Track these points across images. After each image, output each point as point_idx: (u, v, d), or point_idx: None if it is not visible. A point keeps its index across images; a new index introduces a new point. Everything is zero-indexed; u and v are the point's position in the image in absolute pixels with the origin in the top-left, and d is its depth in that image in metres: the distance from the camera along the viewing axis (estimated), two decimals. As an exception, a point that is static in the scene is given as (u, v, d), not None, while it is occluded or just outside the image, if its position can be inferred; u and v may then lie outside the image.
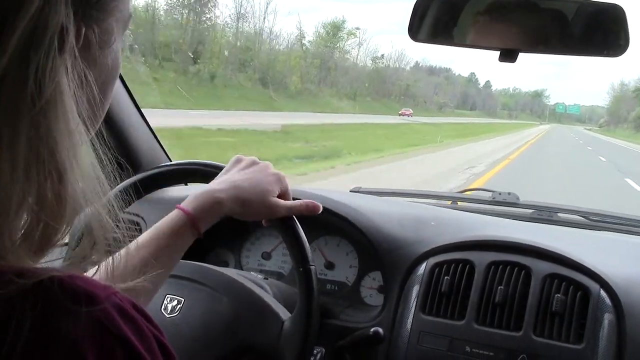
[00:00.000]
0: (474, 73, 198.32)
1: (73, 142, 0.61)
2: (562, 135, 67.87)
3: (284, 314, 1.36)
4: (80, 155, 0.62)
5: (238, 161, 1.31)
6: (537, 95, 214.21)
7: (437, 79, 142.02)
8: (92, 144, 0.69)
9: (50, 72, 0.58)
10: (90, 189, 0.64)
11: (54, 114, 0.59)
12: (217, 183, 1.25)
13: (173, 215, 1.19)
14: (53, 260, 0.63)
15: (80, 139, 0.62)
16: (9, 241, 0.58)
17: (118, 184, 1.42)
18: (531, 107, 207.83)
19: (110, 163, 0.70)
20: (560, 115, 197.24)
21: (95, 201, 0.65)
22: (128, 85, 2.08)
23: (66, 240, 0.65)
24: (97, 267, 0.73)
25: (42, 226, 0.60)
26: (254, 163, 1.30)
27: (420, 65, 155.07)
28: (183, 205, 1.20)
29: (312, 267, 1.31)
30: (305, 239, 1.31)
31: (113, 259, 0.78)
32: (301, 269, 1.30)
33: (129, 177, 1.47)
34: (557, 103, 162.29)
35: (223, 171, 1.31)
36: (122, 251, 0.93)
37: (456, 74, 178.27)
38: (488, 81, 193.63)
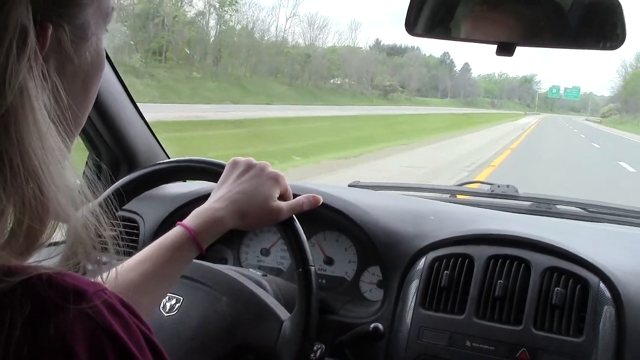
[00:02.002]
0: (447, 54, 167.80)
1: (46, 146, 0.60)
2: (563, 136, 39.78)
3: (284, 314, 1.36)
4: (56, 158, 0.61)
5: (234, 166, 1.30)
6: (526, 81, 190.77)
7: (398, 60, 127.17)
8: (71, 145, 0.68)
9: (12, 76, 0.57)
10: (70, 192, 0.63)
11: (23, 118, 0.58)
12: (216, 200, 1.25)
13: (175, 231, 1.19)
14: (41, 260, 0.63)
15: (53, 142, 0.62)
16: None
17: (114, 182, 1.43)
18: (519, 94, 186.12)
19: (95, 164, 0.70)
20: (553, 102, 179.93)
21: (78, 204, 0.64)
22: (124, 82, 2.07)
23: (54, 240, 0.64)
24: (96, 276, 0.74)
25: (26, 228, 0.60)
26: (250, 166, 1.29)
27: (382, 44, 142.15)
28: (185, 222, 1.20)
29: (312, 268, 1.31)
30: (305, 240, 1.32)
31: (110, 272, 0.78)
32: (301, 270, 1.31)
33: (126, 174, 1.46)
34: (551, 87, 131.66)
35: (221, 179, 1.30)
36: (121, 265, 0.93)
37: (426, 54, 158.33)
38: (466, 64, 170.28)
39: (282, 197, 1.30)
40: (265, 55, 66.02)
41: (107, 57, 1.94)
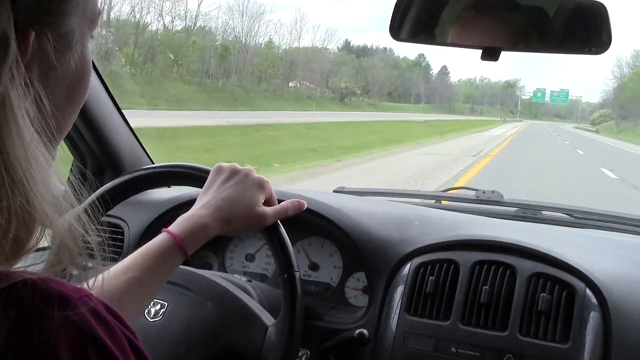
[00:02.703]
0: (423, 55, 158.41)
1: (30, 155, 0.59)
2: (556, 157, 26.38)
3: (268, 319, 1.36)
4: (41, 166, 0.61)
5: (219, 172, 1.30)
6: (510, 86, 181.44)
7: (366, 62, 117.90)
8: (55, 152, 0.68)
9: None
10: (55, 199, 0.62)
11: (6, 127, 0.58)
12: (201, 207, 1.25)
13: (160, 238, 1.18)
14: (27, 266, 0.62)
15: (37, 150, 0.61)
16: None
17: (97, 188, 1.42)
18: (502, 99, 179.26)
19: (79, 170, 0.69)
20: (537, 108, 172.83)
21: (63, 210, 0.64)
22: (109, 87, 2.06)
23: (42, 245, 0.63)
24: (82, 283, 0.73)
25: (12, 236, 0.59)
26: (235, 172, 1.29)
27: (352, 45, 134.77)
28: (170, 228, 1.20)
29: (297, 273, 1.31)
30: (290, 245, 1.31)
31: (96, 278, 0.78)
32: (286, 275, 1.31)
33: (111, 180, 1.45)
34: (535, 90, 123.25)
35: (206, 185, 1.30)
36: (106, 272, 0.92)
37: (399, 56, 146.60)
38: (444, 67, 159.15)
39: (267, 202, 1.30)
40: (166, 46, 54.69)
41: (93, 65, 1.94)
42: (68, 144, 2.07)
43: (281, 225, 1.31)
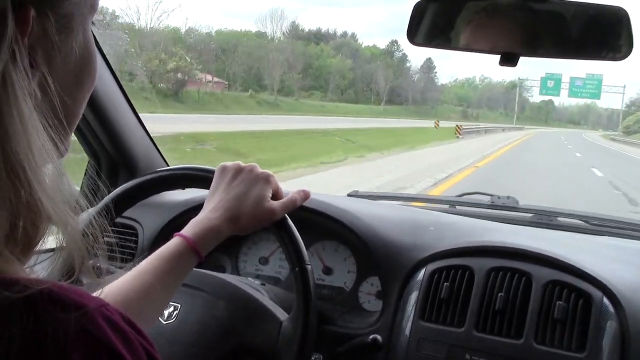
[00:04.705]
0: (396, 42, 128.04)
1: (31, 142, 0.58)
2: None
3: (282, 314, 1.36)
4: (46, 157, 0.60)
5: (224, 171, 1.30)
6: (514, 86, 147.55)
7: (313, 49, 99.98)
8: (67, 144, 0.67)
9: None
10: (64, 196, 0.62)
11: (5, 104, 0.56)
12: (210, 210, 1.25)
13: (174, 241, 1.18)
14: (32, 265, 0.62)
15: (42, 138, 0.60)
16: None
17: (110, 189, 1.43)
18: (505, 102, 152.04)
19: (94, 170, 0.68)
20: (547, 112, 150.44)
21: (75, 210, 0.63)
22: (125, 90, 2.06)
23: (49, 247, 0.63)
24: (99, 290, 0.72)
25: (20, 233, 0.59)
26: (239, 170, 1.29)
27: (302, 29, 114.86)
28: (183, 232, 1.20)
29: (309, 267, 1.31)
30: (300, 238, 1.31)
31: (109, 281, 0.77)
32: (297, 269, 1.30)
33: (125, 180, 1.46)
34: (545, 75, 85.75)
35: (212, 186, 1.30)
36: (122, 277, 0.91)
37: (362, 44, 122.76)
38: (429, 60, 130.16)
39: (274, 196, 1.30)
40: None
41: (109, 66, 1.95)
42: (82, 143, 2.08)
43: (289, 220, 1.31)
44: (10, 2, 0.58)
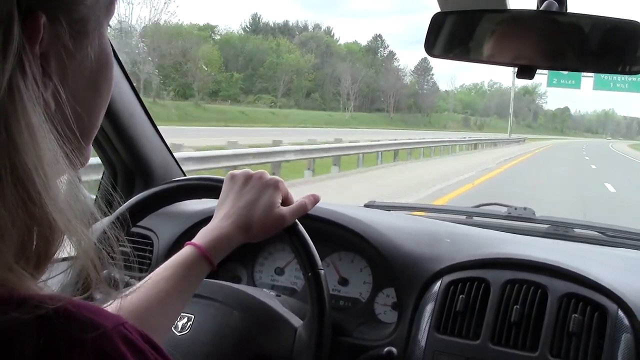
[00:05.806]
0: (380, 37, 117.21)
1: (40, 154, 0.55)
2: None
3: (297, 321, 1.36)
4: (57, 170, 0.57)
5: (233, 179, 1.30)
6: (527, 92, 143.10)
7: (266, 44, 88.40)
8: (87, 154, 0.66)
9: None
10: (77, 208, 0.59)
11: (13, 115, 0.53)
12: (221, 218, 1.25)
13: (185, 250, 1.19)
14: (46, 280, 0.59)
15: (54, 150, 0.57)
16: (6, 260, 0.54)
17: (128, 198, 1.44)
18: (516, 109, 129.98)
19: (109, 179, 0.67)
20: (563, 121, 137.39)
21: (89, 221, 0.61)
22: (142, 99, 2.08)
23: (62, 256, 0.61)
24: (112, 302, 0.72)
25: (35, 245, 0.56)
26: (248, 178, 1.29)
27: (264, 22, 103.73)
28: (194, 241, 1.20)
29: (322, 271, 1.31)
30: (312, 244, 1.31)
31: (123, 293, 0.76)
32: (310, 274, 1.30)
33: (141, 189, 1.47)
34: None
35: (222, 195, 1.30)
36: (136, 287, 0.91)
37: (338, 41, 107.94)
38: (423, 59, 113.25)
39: (284, 202, 1.29)
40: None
41: (126, 75, 1.95)
42: (98, 151, 2.09)
43: (300, 225, 1.31)
44: (17, 8, 0.54)
